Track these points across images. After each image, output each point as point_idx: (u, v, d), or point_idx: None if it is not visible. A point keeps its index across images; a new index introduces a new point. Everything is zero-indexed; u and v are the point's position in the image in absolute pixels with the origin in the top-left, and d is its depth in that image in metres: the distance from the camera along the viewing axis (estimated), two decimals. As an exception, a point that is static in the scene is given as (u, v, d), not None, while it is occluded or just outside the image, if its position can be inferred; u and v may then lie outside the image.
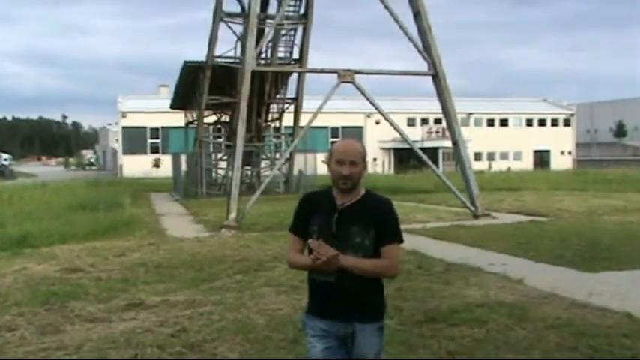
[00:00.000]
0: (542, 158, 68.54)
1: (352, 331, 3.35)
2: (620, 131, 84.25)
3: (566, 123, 71.44)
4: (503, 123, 69.27)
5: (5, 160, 68.17)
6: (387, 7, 18.93)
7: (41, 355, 5.99)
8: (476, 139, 56.83)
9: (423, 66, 19.70)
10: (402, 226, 3.53)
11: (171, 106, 39.41)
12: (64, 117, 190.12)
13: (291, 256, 3.53)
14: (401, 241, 3.42)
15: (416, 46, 19.31)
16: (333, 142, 58.97)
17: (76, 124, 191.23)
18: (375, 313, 3.43)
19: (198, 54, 30.10)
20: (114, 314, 7.54)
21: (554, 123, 71.05)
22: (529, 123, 70.16)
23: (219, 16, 27.76)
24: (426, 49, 19.33)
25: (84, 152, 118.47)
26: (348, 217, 3.36)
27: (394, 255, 3.38)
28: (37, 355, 5.99)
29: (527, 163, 66.25)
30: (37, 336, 6.65)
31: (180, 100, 36.19)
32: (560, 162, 66.13)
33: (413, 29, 19.48)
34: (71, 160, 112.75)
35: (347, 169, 3.34)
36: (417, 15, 19.29)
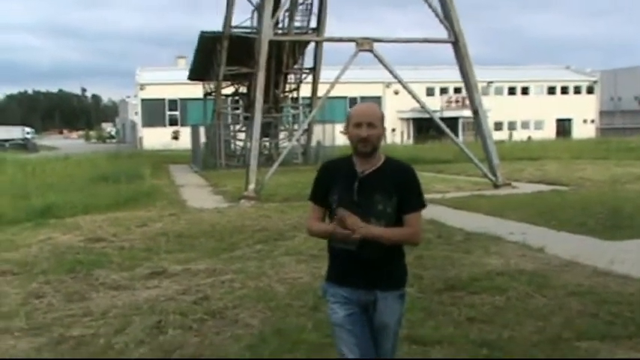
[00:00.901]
0: (564, 127, 67.67)
1: (374, 299, 3.36)
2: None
3: (589, 91, 70.29)
4: (525, 91, 68.31)
5: (27, 133, 68.82)
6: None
7: (68, 321, 6.12)
8: (496, 108, 56.23)
9: (443, 34, 19.45)
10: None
11: (189, 78, 39.41)
12: (84, 90, 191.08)
13: (311, 224, 3.53)
14: (424, 206, 3.40)
15: (436, 13, 19.04)
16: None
17: (95, 97, 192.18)
18: (396, 281, 3.44)
19: (216, 25, 29.94)
20: (137, 282, 7.66)
21: (577, 91, 69.92)
22: (551, 91, 69.11)
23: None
24: (446, 16, 19.06)
25: (104, 125, 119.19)
26: (370, 185, 3.33)
27: (418, 222, 3.37)
28: (64, 321, 6.12)
29: (548, 132, 65.46)
30: (63, 303, 6.79)
31: (198, 72, 36.16)
32: (583, 130, 65.22)
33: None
34: (91, 133, 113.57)
35: (365, 130, 3.31)
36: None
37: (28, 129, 72.15)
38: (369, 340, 3.40)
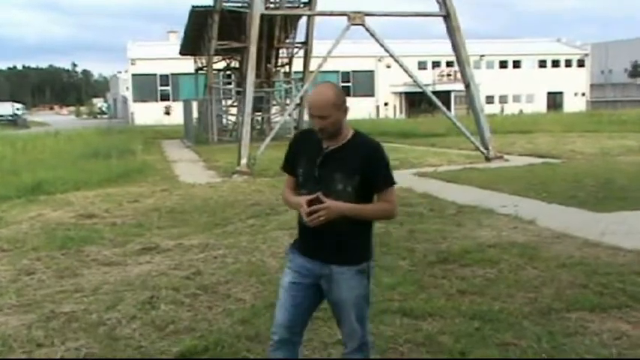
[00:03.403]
0: (555, 100, 67.70)
1: (329, 273, 3.31)
2: (635, 71, 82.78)
3: (580, 64, 70.21)
4: (516, 65, 68.16)
5: (17, 109, 68.29)
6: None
7: (59, 297, 6.11)
8: (488, 81, 56.13)
9: (435, 7, 19.31)
10: (414, 170, 3.59)
11: (181, 53, 39.10)
12: (74, 65, 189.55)
13: (285, 194, 3.53)
14: (393, 183, 3.33)
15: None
16: (343, 86, 58.17)
17: (86, 73, 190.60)
18: (355, 256, 3.32)
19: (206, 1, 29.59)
20: (129, 258, 7.65)
21: (568, 64, 69.83)
22: (542, 64, 68.97)
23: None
24: (438, -11, 18.90)
25: (95, 100, 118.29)
26: (333, 162, 3.26)
27: (392, 198, 3.31)
28: (55, 297, 6.10)
29: (540, 105, 65.47)
30: (54, 279, 6.77)
31: (190, 46, 35.86)
32: (574, 104, 65.27)
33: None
34: (82, 108, 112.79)
35: (317, 122, 3.26)
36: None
37: (18, 105, 71.57)
38: (306, 312, 3.42)
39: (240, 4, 27.93)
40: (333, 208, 3.16)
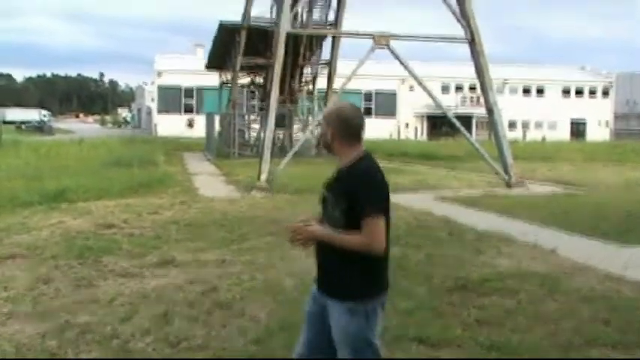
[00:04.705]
0: (578, 128, 67.08)
1: (326, 304, 3.29)
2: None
3: (605, 92, 69.59)
4: (540, 91, 67.74)
5: (44, 115, 69.38)
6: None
7: (75, 307, 6.12)
8: (510, 106, 55.80)
9: (460, 31, 19.29)
10: (434, 193, 3.49)
11: (207, 67, 39.44)
12: (102, 74, 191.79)
13: None
14: (375, 212, 3.12)
15: (453, 11, 18.88)
16: (365, 106, 58.06)
17: (112, 82, 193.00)
18: (340, 291, 3.21)
19: (235, 13, 29.96)
20: (146, 270, 7.65)
21: (592, 92, 69.24)
22: (566, 92, 68.48)
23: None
24: (463, 15, 18.90)
25: (120, 110, 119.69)
26: (332, 185, 3.29)
27: (369, 230, 3.11)
28: (70, 307, 6.11)
29: (562, 133, 64.90)
30: (71, 289, 6.79)
31: (216, 61, 36.19)
32: (597, 133, 64.60)
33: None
34: (107, 117, 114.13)
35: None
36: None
37: (44, 112, 72.70)
38: (322, 336, 3.32)
39: (267, 22, 28.17)
40: (309, 231, 3.23)
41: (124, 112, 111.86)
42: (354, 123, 3.30)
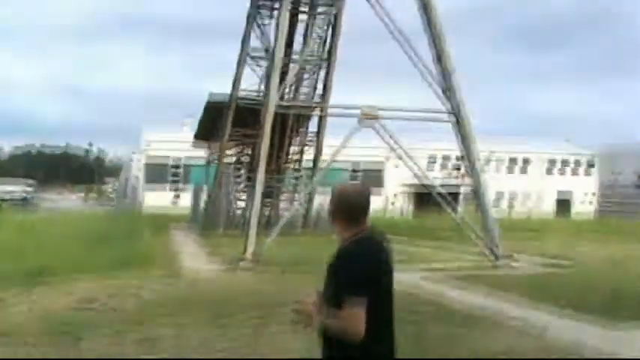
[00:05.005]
0: (564, 201, 67.74)
1: None
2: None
3: (590, 165, 70.74)
4: (525, 164, 68.75)
5: (29, 185, 69.09)
6: (407, 53, 19.03)
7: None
8: (497, 178, 56.42)
9: (446, 104, 19.66)
10: (421, 269, 3.44)
11: (195, 140, 39.80)
12: (90, 145, 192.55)
13: None
14: (352, 297, 3.04)
15: (436, 91, 19.33)
16: (352, 181, 58.35)
17: (100, 155, 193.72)
18: None
19: (223, 87, 30.46)
20: (128, 348, 7.44)
21: (577, 165, 70.38)
22: (551, 164, 69.53)
23: (244, 55, 28.13)
24: (449, 91, 19.34)
25: (106, 182, 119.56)
26: (331, 263, 3.27)
27: (345, 314, 3.04)
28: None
29: (549, 205, 65.42)
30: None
31: (203, 135, 36.55)
32: (583, 207, 65.20)
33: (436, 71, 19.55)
34: (93, 189, 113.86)
35: None
36: (440, 57, 19.36)
37: (30, 181, 72.43)
38: None
39: (255, 98, 28.61)
40: (307, 314, 3.16)
41: (110, 185, 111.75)
42: (355, 206, 3.32)
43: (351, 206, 3.32)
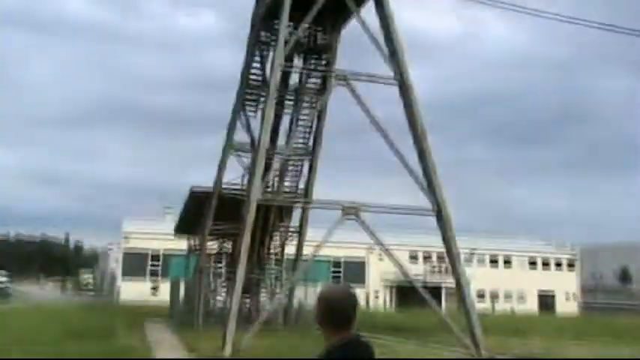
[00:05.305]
0: (546, 300, 67.33)
1: None
2: (625, 276, 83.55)
3: (570, 265, 70.89)
4: (507, 261, 68.77)
5: (3, 276, 67.49)
6: (392, 149, 19.34)
7: None
8: (479, 276, 56.21)
9: (427, 202, 19.84)
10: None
11: (175, 231, 39.44)
12: (67, 234, 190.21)
13: None
14: None
15: (419, 186, 19.57)
16: (334, 275, 57.76)
17: (77, 245, 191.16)
18: None
19: (205, 177, 30.62)
20: None
21: (558, 264, 70.51)
22: (532, 263, 69.61)
23: (228, 147, 28.44)
24: (431, 189, 19.55)
25: (83, 271, 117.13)
26: None
27: None
28: None
29: (531, 304, 65.00)
30: None
31: (185, 226, 36.26)
32: (566, 305, 64.85)
33: (418, 167, 19.85)
34: (69, 281, 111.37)
35: None
36: (423, 153, 19.71)
37: (3, 272, 70.80)
38: None
39: (238, 190, 28.68)
40: None
41: (86, 276, 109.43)
42: (340, 310, 3.26)
43: (339, 312, 3.25)
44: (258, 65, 27.41)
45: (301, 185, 29.39)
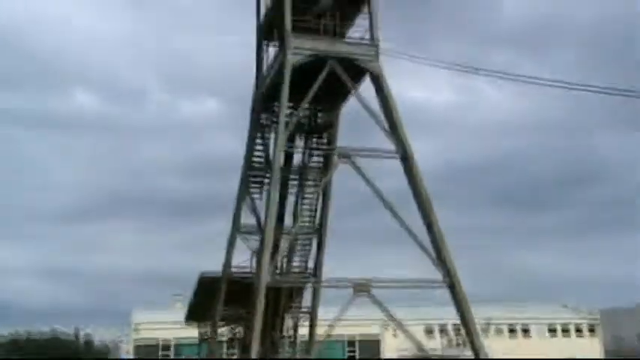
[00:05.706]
0: (570, 367, 65.23)
1: None
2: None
3: (591, 330, 69.09)
4: (525, 331, 67.09)
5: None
6: (399, 221, 19.30)
7: None
8: (498, 348, 54.69)
9: (441, 271, 19.58)
10: None
11: (186, 320, 38.88)
12: (77, 329, 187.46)
13: None
14: None
15: (430, 257, 19.40)
16: (349, 354, 56.07)
17: (88, 339, 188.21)
18: None
19: (214, 264, 30.38)
20: None
21: (579, 330, 68.72)
22: (552, 330, 67.88)
23: (235, 230, 28.40)
24: (441, 259, 19.36)
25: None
26: None
27: None
28: None
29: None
30: None
31: (195, 313, 35.75)
32: (592, 370, 62.74)
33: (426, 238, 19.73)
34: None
35: None
36: (430, 225, 19.63)
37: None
38: None
39: (247, 274, 28.40)
40: None
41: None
42: None
43: None
44: (260, 147, 27.73)
45: (310, 264, 29.13)
